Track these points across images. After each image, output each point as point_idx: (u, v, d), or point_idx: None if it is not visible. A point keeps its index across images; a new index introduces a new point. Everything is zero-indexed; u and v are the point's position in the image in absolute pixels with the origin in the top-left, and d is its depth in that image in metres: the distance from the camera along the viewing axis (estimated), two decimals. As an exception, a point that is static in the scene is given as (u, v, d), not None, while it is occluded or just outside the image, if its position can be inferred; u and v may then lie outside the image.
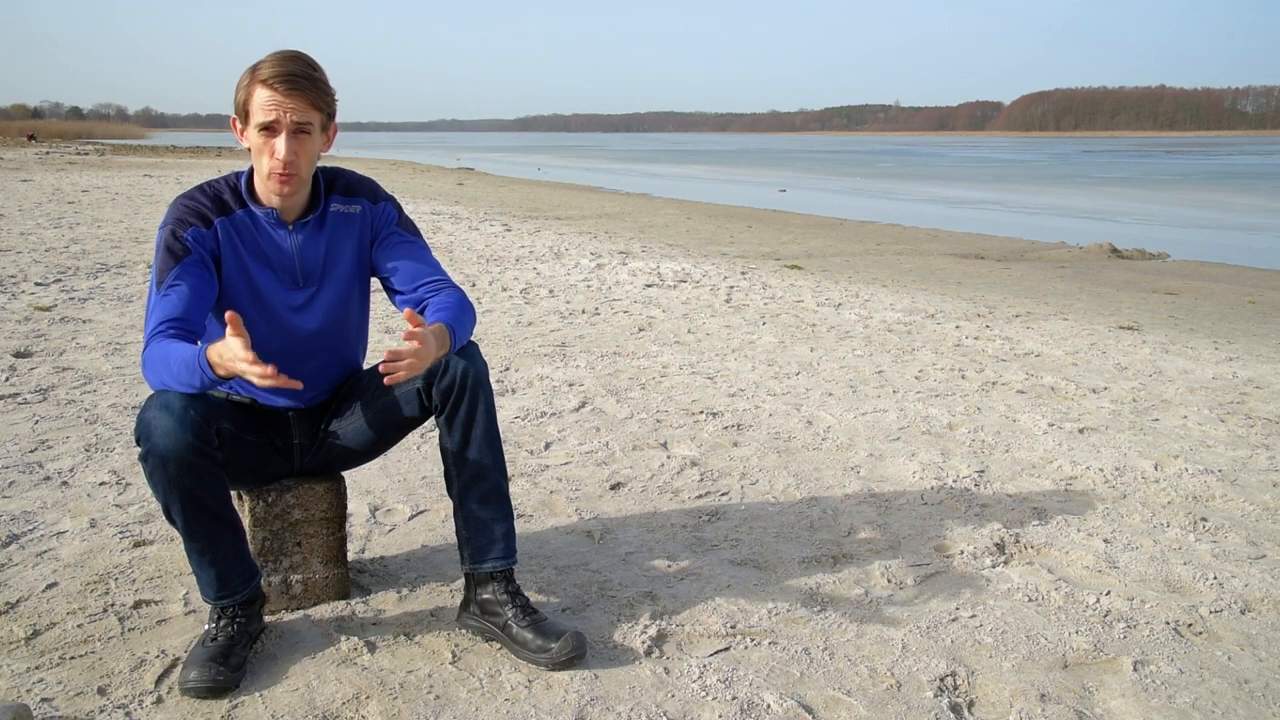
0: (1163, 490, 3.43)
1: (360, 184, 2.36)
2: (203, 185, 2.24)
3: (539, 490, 3.34)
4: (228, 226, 2.20)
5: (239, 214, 2.22)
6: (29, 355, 5.06)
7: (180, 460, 1.99)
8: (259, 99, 2.09)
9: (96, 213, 12.82)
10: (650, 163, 50.30)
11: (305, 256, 2.26)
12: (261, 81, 2.08)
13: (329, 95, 2.15)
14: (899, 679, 2.18)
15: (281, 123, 2.09)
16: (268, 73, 2.08)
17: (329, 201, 2.29)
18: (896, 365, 5.30)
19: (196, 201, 2.19)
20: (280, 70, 2.08)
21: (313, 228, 2.27)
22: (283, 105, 2.08)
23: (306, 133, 2.13)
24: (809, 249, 12.17)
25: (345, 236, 2.31)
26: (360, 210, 2.33)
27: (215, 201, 2.21)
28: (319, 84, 2.13)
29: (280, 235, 2.24)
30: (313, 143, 2.15)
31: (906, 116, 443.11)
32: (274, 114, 2.08)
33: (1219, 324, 7.39)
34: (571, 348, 5.58)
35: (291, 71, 2.09)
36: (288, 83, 2.08)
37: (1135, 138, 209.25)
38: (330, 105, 2.17)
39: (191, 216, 2.17)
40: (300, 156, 2.13)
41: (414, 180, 24.92)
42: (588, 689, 2.11)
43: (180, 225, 2.15)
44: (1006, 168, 44.59)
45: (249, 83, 2.11)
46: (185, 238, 2.14)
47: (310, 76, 2.11)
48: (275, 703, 2.04)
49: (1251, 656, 2.31)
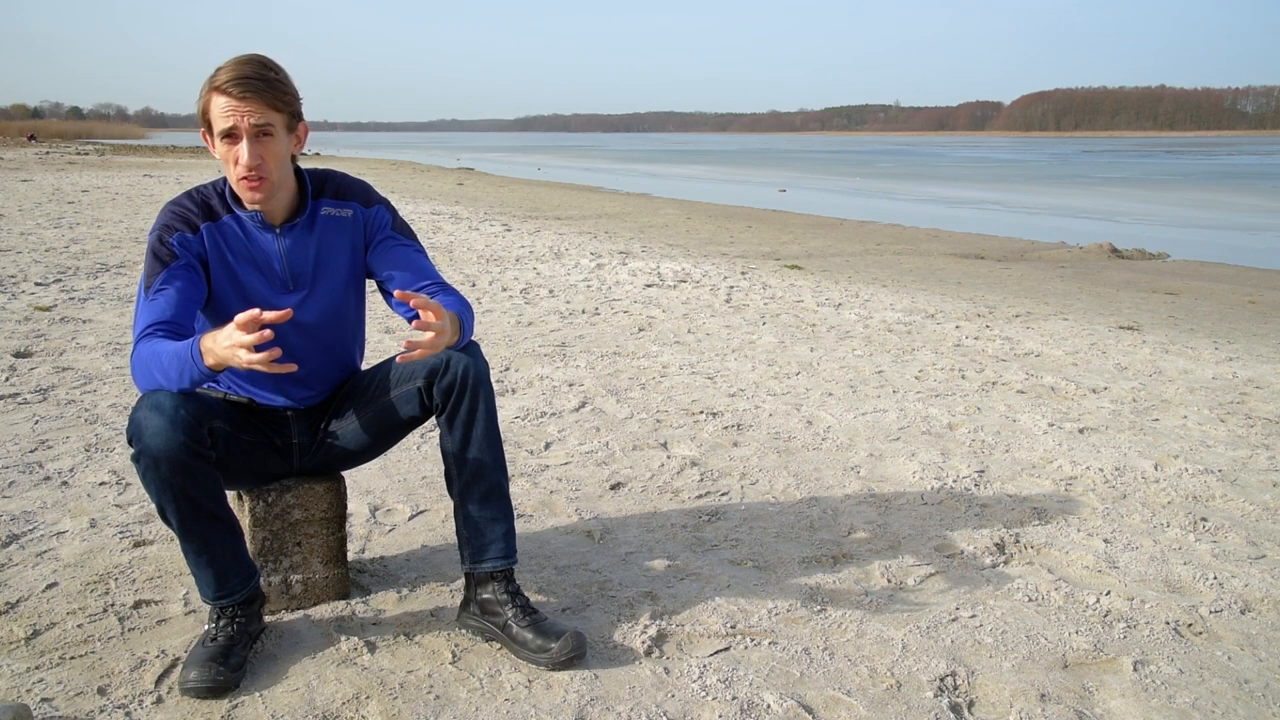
0: (1163, 490, 3.43)
1: (352, 187, 2.35)
2: (191, 191, 2.24)
3: (539, 490, 3.34)
4: (214, 232, 2.20)
5: (225, 219, 2.22)
6: (29, 355, 5.06)
7: (173, 460, 1.99)
8: (216, 106, 2.07)
9: (96, 213, 12.82)
10: (650, 163, 50.30)
11: (294, 259, 2.25)
12: (217, 89, 2.06)
13: (288, 95, 2.12)
14: (899, 679, 2.18)
15: (240, 128, 2.07)
16: (222, 79, 2.06)
17: (319, 205, 2.28)
18: (896, 365, 5.30)
19: (184, 208, 2.20)
20: (234, 75, 2.06)
21: (301, 230, 2.26)
22: (239, 110, 2.05)
23: (269, 134, 2.10)
24: (809, 249, 12.17)
25: (338, 240, 2.30)
26: (353, 214, 2.32)
27: (203, 207, 2.21)
28: (275, 85, 2.09)
29: (266, 239, 2.23)
30: (278, 144, 2.12)
31: (906, 116, 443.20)
32: (231, 120, 2.06)
33: (1219, 324, 7.39)
34: (571, 348, 5.58)
35: (246, 75, 2.06)
36: (242, 86, 2.05)
37: (1135, 138, 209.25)
38: (292, 105, 2.13)
39: (178, 222, 2.17)
40: (266, 160, 2.11)
41: (414, 180, 24.92)
42: (588, 689, 2.11)
43: (167, 231, 2.16)
44: (1006, 168, 44.59)
45: (207, 91, 2.08)
46: (171, 243, 2.14)
47: (265, 78, 2.08)
48: (275, 703, 2.04)
49: (1251, 656, 2.31)
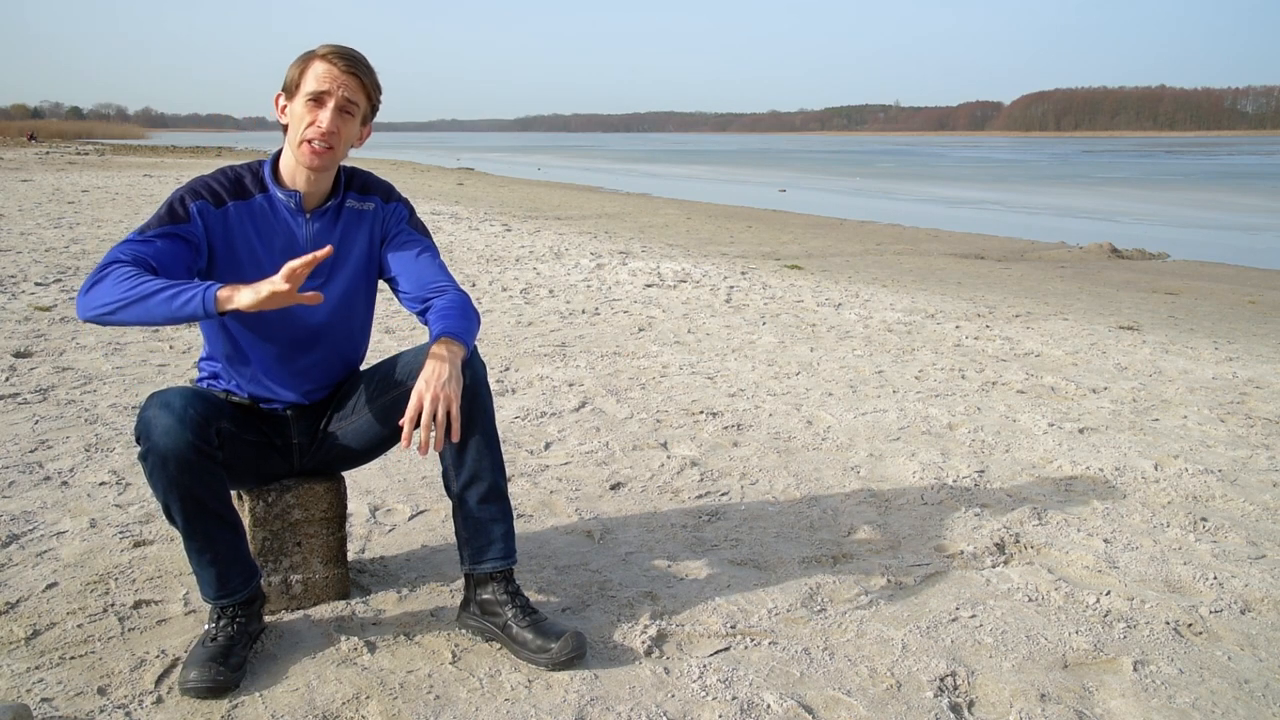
0: (1163, 490, 3.43)
1: (375, 183, 2.38)
2: (224, 169, 2.26)
3: (539, 490, 3.34)
4: (242, 211, 2.21)
5: (257, 199, 2.23)
6: (29, 355, 5.06)
7: (180, 459, 2.00)
8: (315, 70, 2.15)
9: (96, 213, 12.82)
10: (650, 163, 50.30)
11: (318, 246, 2.26)
12: (320, 57, 2.16)
13: (378, 89, 2.24)
14: (899, 679, 2.18)
15: (332, 94, 2.15)
16: (327, 50, 2.17)
17: (346, 196, 2.32)
18: (896, 365, 5.30)
19: (216, 181, 2.22)
20: (341, 50, 2.18)
21: (329, 219, 2.28)
22: (338, 79, 2.15)
23: (351, 113, 2.18)
24: (809, 249, 12.17)
25: (357, 233, 2.32)
26: (373, 209, 2.34)
27: (234, 184, 2.23)
28: (372, 74, 2.22)
29: (297, 222, 2.25)
30: (353, 126, 2.21)
31: (906, 116, 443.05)
32: (327, 84, 2.14)
33: (1219, 324, 7.39)
34: (571, 348, 5.58)
35: (352, 54, 2.18)
36: (348, 60, 2.16)
37: (1135, 138, 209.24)
38: (376, 99, 2.25)
39: (205, 191, 2.19)
40: (341, 133, 2.17)
41: (414, 180, 24.92)
42: (588, 689, 2.11)
43: (191, 194, 2.18)
44: (1006, 168, 44.59)
45: (305, 59, 2.17)
46: (191, 208, 2.16)
47: (367, 64, 2.21)
48: (275, 703, 2.04)
49: (1251, 656, 2.31)
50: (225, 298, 1.93)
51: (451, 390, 2.08)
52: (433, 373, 2.08)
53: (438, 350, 2.12)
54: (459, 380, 2.11)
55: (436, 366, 2.09)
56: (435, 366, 2.09)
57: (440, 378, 2.08)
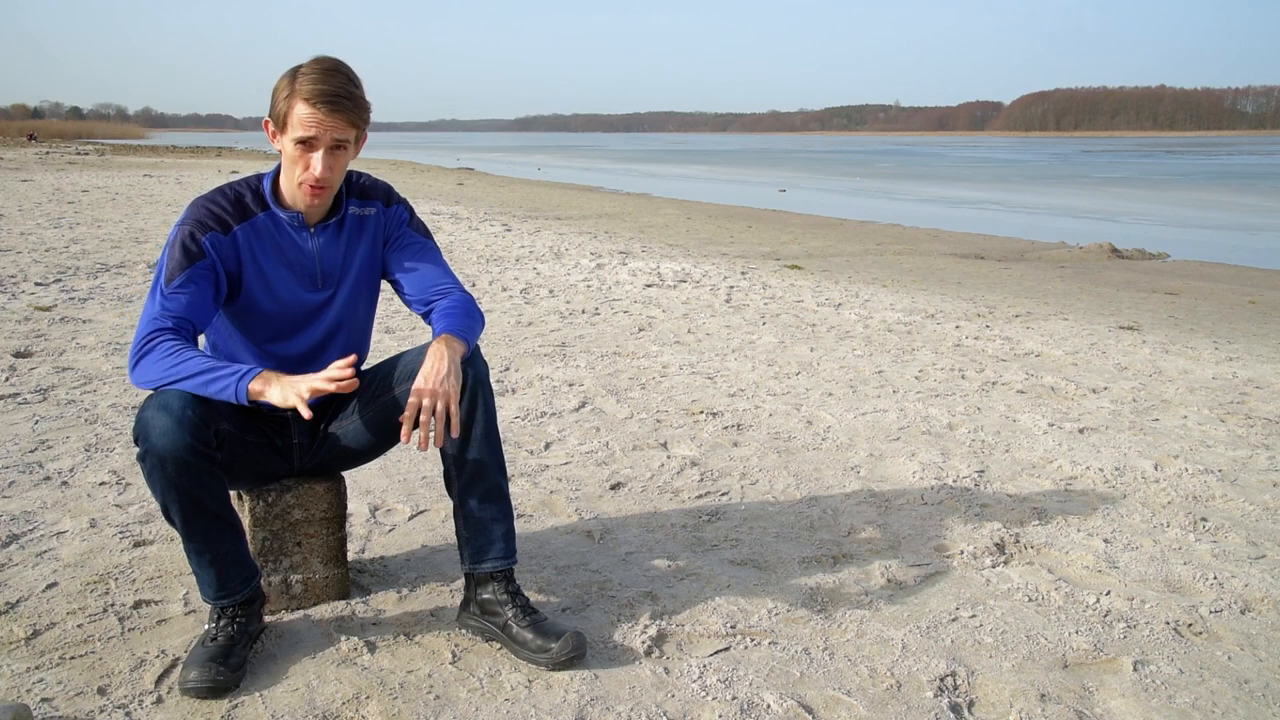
0: (1163, 490, 3.43)
1: (375, 187, 2.38)
2: (223, 188, 2.23)
3: (539, 490, 3.34)
4: (248, 231, 2.20)
5: (260, 217, 2.22)
6: (29, 355, 5.06)
7: (179, 460, 2.00)
8: (299, 114, 2.08)
9: (96, 213, 12.82)
10: (650, 163, 50.30)
11: (326, 259, 2.28)
12: (304, 99, 2.07)
13: (367, 111, 2.16)
14: (899, 679, 2.18)
15: (320, 140, 2.10)
16: (310, 90, 2.06)
17: (347, 205, 2.31)
18: (896, 365, 5.30)
19: (218, 205, 2.19)
20: (324, 89, 2.06)
21: (334, 231, 2.29)
22: (323, 124, 2.08)
23: (343, 149, 2.15)
24: (809, 249, 12.17)
25: (361, 239, 2.33)
26: (375, 213, 2.35)
27: (236, 205, 2.21)
28: (359, 101, 2.13)
29: (302, 238, 2.25)
30: (348, 156, 2.18)
31: (906, 116, 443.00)
32: (314, 131, 2.09)
33: (1219, 324, 7.39)
34: (571, 348, 5.58)
35: (335, 91, 2.07)
36: (331, 104, 2.07)
37: (1135, 138, 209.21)
38: (367, 120, 2.18)
39: (211, 220, 2.16)
40: (335, 171, 2.15)
41: (414, 180, 24.92)
42: (588, 689, 2.11)
43: (200, 228, 2.15)
44: (1006, 168, 44.59)
45: (289, 95, 2.09)
46: (204, 242, 2.14)
47: (352, 95, 2.11)
48: (275, 703, 2.04)
49: (1251, 656, 2.31)
50: (256, 391, 1.99)
51: (450, 386, 2.08)
52: (432, 369, 2.09)
53: (438, 347, 2.14)
54: (458, 376, 2.11)
55: (436, 363, 2.10)
56: (435, 363, 2.10)
57: (440, 374, 2.08)
